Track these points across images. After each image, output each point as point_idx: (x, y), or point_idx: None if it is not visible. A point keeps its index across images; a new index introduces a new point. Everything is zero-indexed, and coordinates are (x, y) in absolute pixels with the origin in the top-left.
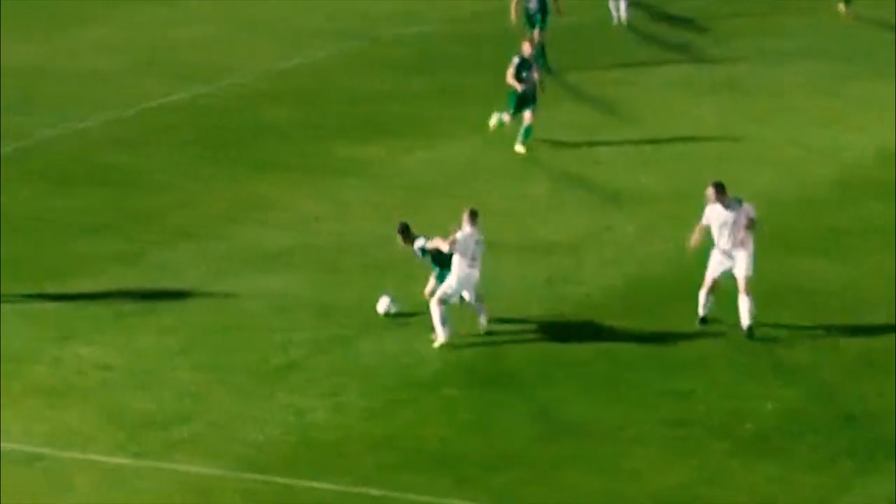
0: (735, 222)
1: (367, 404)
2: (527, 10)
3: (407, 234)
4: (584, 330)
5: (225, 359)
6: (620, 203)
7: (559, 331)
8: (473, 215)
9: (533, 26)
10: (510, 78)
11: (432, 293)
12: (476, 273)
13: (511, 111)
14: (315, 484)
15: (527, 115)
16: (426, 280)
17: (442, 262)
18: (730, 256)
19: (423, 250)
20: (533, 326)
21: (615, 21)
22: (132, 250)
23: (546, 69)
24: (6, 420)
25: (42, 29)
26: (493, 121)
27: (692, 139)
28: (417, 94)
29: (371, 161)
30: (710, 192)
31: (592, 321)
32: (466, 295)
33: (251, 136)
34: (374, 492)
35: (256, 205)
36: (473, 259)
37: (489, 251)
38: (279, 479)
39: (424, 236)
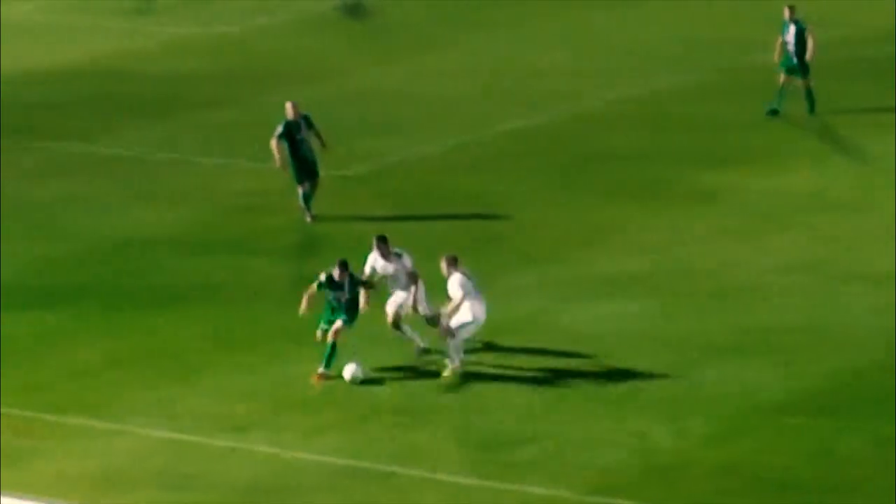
0: None
1: (709, 431)
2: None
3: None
4: None
5: (569, 382)
6: None
7: None
8: (453, 261)
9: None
10: None
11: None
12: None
13: None
14: None
15: None
16: (776, 307)
17: None
18: None
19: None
20: (869, 356)
21: None
22: (478, 273)
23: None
24: (355, 440)
25: (397, 54)
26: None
27: None
28: (755, 123)
29: (715, 188)
30: None
31: None
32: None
33: (598, 162)
34: None
35: (603, 230)
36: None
37: (829, 280)
38: (621, 503)
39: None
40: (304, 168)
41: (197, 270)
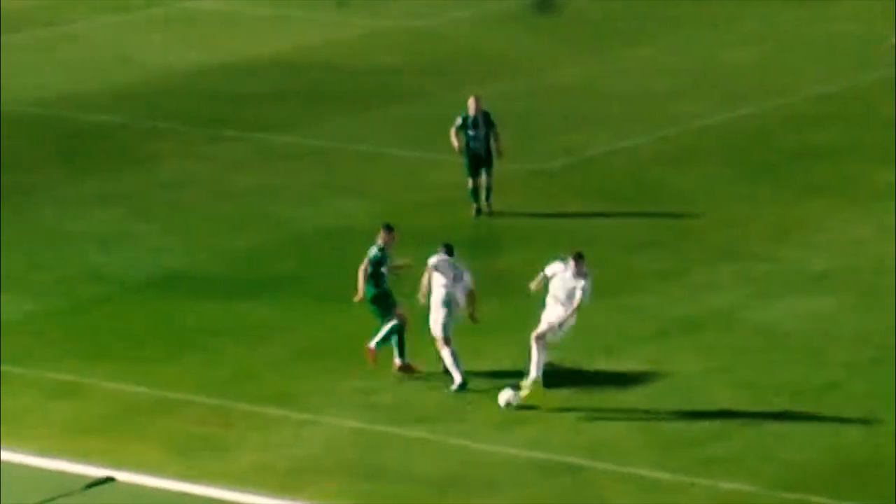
0: None
1: None
2: None
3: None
4: None
5: (764, 378)
6: None
7: None
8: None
9: None
10: None
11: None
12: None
13: None
14: None
15: None
16: None
17: None
18: None
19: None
20: None
21: None
22: (676, 268)
23: None
24: (545, 433)
25: (594, 49)
26: None
27: None
28: None
29: None
30: None
31: None
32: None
33: (796, 158)
34: None
35: (800, 227)
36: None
37: None
38: (814, 499)
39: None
40: (475, 163)
41: None
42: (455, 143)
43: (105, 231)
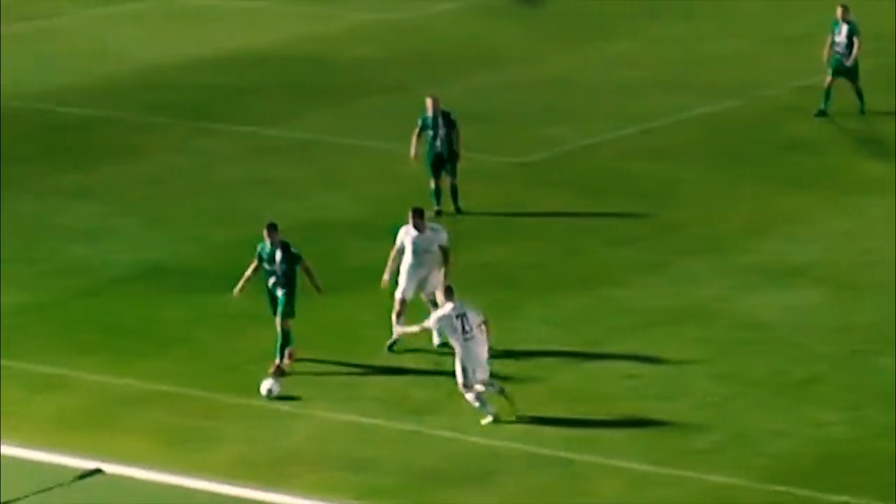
0: None
1: (885, 420)
2: None
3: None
4: None
5: (746, 371)
6: None
7: None
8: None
9: None
10: None
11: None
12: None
13: None
14: (834, 497)
15: None
16: None
17: None
18: None
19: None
20: None
21: None
22: (658, 260)
23: None
24: (533, 426)
25: (575, 42)
26: None
27: None
28: None
29: (893, 178)
30: None
31: None
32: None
33: (778, 150)
34: None
35: (782, 219)
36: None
37: None
38: (798, 492)
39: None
40: (437, 164)
41: (378, 254)
42: (412, 150)
43: (88, 224)
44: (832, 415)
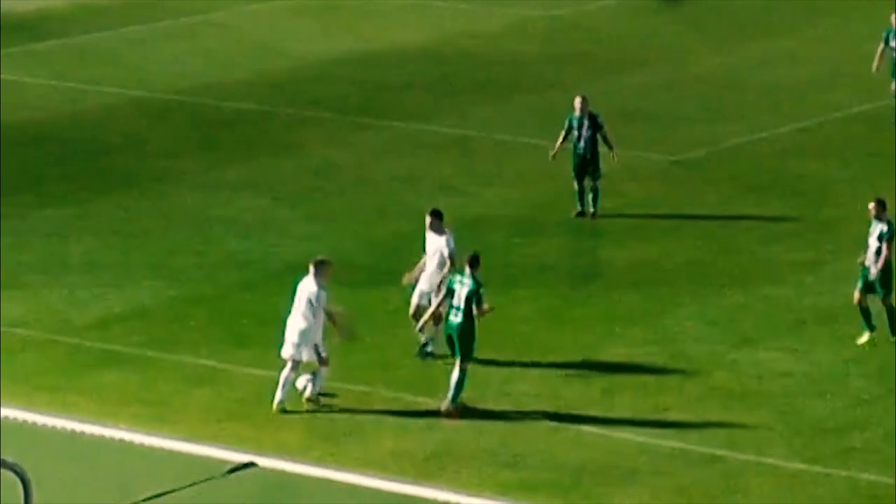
0: None
1: None
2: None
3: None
4: None
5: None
6: None
7: None
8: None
9: None
10: None
11: None
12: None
13: None
14: None
15: None
16: None
17: None
18: None
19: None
20: None
21: None
22: (813, 259)
23: None
24: (684, 423)
25: (734, 40)
26: None
27: None
28: None
29: None
30: None
31: None
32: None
33: None
34: None
35: None
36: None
37: None
38: None
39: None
40: (581, 165)
41: (531, 251)
42: (554, 148)
43: (247, 218)
44: None
